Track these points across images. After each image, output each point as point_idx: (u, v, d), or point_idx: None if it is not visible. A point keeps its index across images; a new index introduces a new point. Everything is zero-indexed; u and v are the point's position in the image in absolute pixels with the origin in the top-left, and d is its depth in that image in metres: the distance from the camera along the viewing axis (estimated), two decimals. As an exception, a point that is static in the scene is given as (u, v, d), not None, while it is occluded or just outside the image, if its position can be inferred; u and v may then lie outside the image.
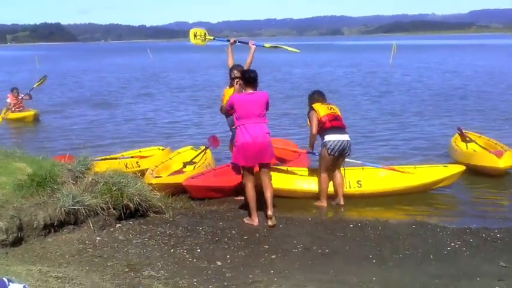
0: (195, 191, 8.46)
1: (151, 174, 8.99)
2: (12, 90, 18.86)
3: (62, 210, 5.94)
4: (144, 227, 6.62)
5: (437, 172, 8.84)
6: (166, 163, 10.08)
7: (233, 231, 6.65)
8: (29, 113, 18.25)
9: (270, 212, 6.99)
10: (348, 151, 8.20)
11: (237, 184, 8.28)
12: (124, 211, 6.65)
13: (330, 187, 8.35)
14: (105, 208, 6.40)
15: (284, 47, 9.21)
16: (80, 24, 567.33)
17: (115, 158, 10.38)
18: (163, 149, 11.09)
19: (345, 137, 8.10)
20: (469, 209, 8.25)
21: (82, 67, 54.77)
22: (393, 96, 23.35)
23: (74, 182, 6.66)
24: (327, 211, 8.07)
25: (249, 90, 7.16)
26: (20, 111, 18.49)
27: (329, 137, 8.03)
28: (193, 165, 10.05)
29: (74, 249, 5.62)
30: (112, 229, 6.43)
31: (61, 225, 6.01)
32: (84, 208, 6.15)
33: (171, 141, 13.61)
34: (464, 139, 11.27)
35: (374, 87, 26.87)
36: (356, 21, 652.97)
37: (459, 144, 11.10)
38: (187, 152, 10.77)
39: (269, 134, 7.18)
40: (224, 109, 7.66)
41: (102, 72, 45.72)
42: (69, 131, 16.21)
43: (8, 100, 18.54)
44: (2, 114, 17.81)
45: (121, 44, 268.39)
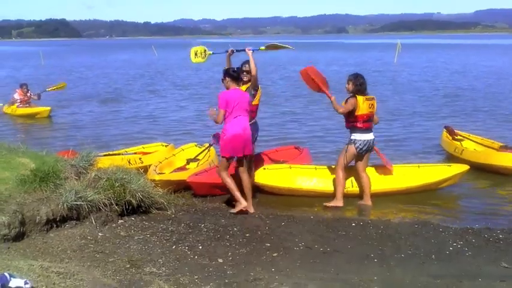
0: (199, 188, 8.47)
1: (154, 170, 9.00)
2: (21, 86, 18.72)
3: (65, 205, 5.95)
4: (146, 223, 6.62)
5: (441, 171, 8.82)
6: (169, 159, 10.09)
7: (235, 228, 6.65)
8: (44, 109, 18.04)
9: (250, 202, 7.62)
10: (372, 148, 8.24)
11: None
12: (126, 207, 6.65)
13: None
14: (107, 204, 6.39)
15: (278, 46, 9.03)
16: (85, 20, 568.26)
17: (118, 154, 10.39)
18: (166, 146, 11.09)
19: (372, 136, 8.12)
20: (472, 209, 8.24)
21: (87, 63, 54.88)
22: (399, 95, 23.29)
23: (77, 178, 6.66)
24: (328, 210, 8.05)
25: (234, 86, 7.70)
26: (27, 107, 18.39)
27: (358, 136, 8.01)
28: (196, 162, 10.05)
29: (76, 244, 5.63)
30: (114, 225, 6.44)
31: (63, 220, 6.01)
32: (86, 204, 6.15)
33: (175, 138, 13.63)
34: (454, 138, 11.41)
35: (380, 86, 26.79)
36: (361, 19, 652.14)
37: (464, 144, 11.12)
38: (191, 149, 10.78)
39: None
40: (221, 118, 7.60)
41: (106, 68, 45.79)
42: (73, 127, 16.26)
43: (16, 96, 18.38)
44: (5, 108, 18.00)
45: (126, 41, 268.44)
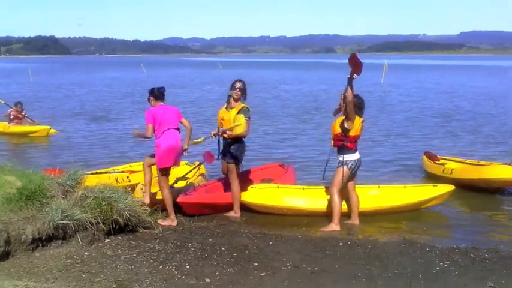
0: (189, 208, 8.45)
1: (141, 189, 8.96)
2: (16, 104, 18.42)
3: (51, 224, 5.90)
4: (133, 243, 6.58)
5: (426, 191, 8.89)
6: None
7: (223, 247, 6.62)
8: (44, 127, 17.59)
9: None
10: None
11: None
12: (113, 226, 6.61)
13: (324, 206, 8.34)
14: (94, 223, 6.36)
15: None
16: (74, 37, 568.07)
17: (105, 173, 10.34)
18: (154, 164, 11.03)
19: (359, 155, 8.12)
20: (458, 229, 8.29)
21: (76, 80, 54.77)
22: (387, 115, 23.45)
23: (64, 196, 6.62)
24: (316, 229, 8.05)
25: (159, 103, 8.28)
26: (20, 125, 18.07)
27: (349, 157, 7.97)
28: (185, 180, 10.02)
29: (62, 264, 5.57)
30: (101, 244, 6.39)
31: (49, 239, 5.96)
32: (73, 223, 6.11)
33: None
34: (435, 162, 11.51)
35: (369, 106, 26.97)
36: (349, 40, 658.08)
37: (450, 165, 11.17)
38: (181, 167, 10.74)
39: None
40: (150, 131, 8.10)
41: (95, 86, 45.71)
42: (60, 145, 16.16)
43: (10, 111, 18.12)
44: (5, 124, 17.74)
45: (115, 58, 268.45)
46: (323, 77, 59.83)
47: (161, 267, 5.82)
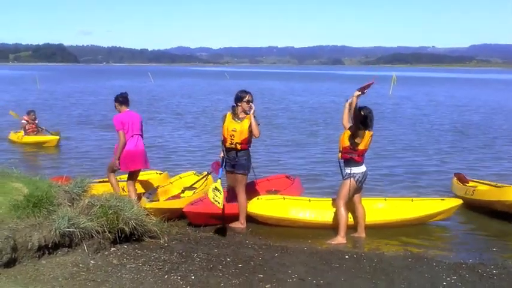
0: (195, 218, 8.44)
1: (147, 198, 8.97)
2: (28, 113, 18.18)
3: (57, 232, 5.91)
4: (139, 252, 6.58)
5: (434, 205, 8.84)
6: (165, 187, 10.06)
7: (228, 258, 6.60)
8: (53, 138, 17.39)
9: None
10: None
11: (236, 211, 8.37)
12: (119, 235, 6.61)
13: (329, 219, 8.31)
14: (100, 231, 6.36)
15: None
16: (82, 45, 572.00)
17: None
18: (160, 174, 11.06)
19: (365, 168, 8.10)
20: (466, 244, 8.24)
21: (83, 88, 55.03)
22: (398, 129, 23.42)
23: (70, 204, 6.63)
24: (322, 241, 8.02)
25: (125, 108, 8.92)
26: (35, 134, 17.84)
27: (357, 170, 7.94)
28: (193, 190, 10.02)
29: (68, 272, 5.58)
30: (106, 253, 6.39)
31: (55, 247, 5.96)
32: (79, 231, 6.12)
33: (171, 166, 13.64)
34: (464, 184, 10.73)
35: (380, 118, 26.99)
36: (357, 51, 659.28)
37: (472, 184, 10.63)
38: (189, 177, 10.75)
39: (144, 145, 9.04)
40: (123, 138, 8.68)
41: (103, 94, 45.87)
42: (67, 153, 16.23)
43: (23, 122, 17.85)
44: (20, 135, 17.56)
45: (122, 67, 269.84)
46: (331, 89, 59.88)
47: (166, 277, 5.81)
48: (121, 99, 8.90)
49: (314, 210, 8.70)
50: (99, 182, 9.74)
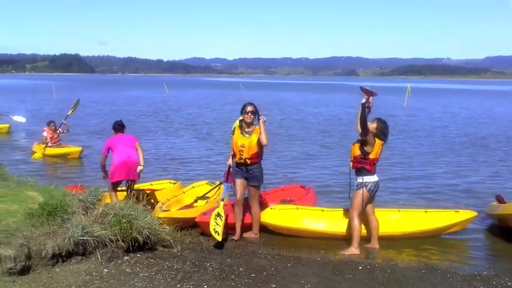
0: (207, 228, 8.43)
1: (160, 207, 9.00)
2: (48, 124, 17.69)
3: (71, 240, 5.96)
4: (152, 261, 6.61)
5: (448, 217, 8.76)
6: (178, 197, 10.08)
7: (241, 268, 6.61)
8: (75, 149, 17.15)
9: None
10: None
11: (249, 221, 8.34)
12: (132, 244, 6.65)
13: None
14: (113, 240, 6.41)
15: None
16: (98, 56, 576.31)
17: (126, 190, 10.40)
18: (174, 183, 11.09)
19: (377, 177, 8.08)
20: (480, 255, 8.15)
21: (100, 99, 55.44)
22: (415, 140, 23.29)
23: (84, 213, 6.69)
24: (336, 252, 7.98)
25: (119, 133, 9.79)
26: (58, 145, 17.48)
27: (369, 179, 7.93)
28: (205, 200, 10.03)
29: (81, 280, 5.62)
30: (120, 261, 6.42)
31: (69, 255, 6.01)
32: (93, 239, 6.17)
33: (184, 175, 13.67)
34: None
35: (392, 130, 26.87)
36: (372, 62, 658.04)
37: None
38: (201, 187, 10.78)
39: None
40: (102, 160, 9.86)
41: (119, 104, 46.18)
42: (82, 162, 16.33)
43: (44, 134, 17.46)
44: (41, 150, 17.03)
45: (138, 77, 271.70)
46: (346, 100, 59.80)
47: (179, 286, 5.82)
48: (116, 126, 9.91)
49: (327, 220, 8.66)
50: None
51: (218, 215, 7.96)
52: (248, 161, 8.25)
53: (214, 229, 7.71)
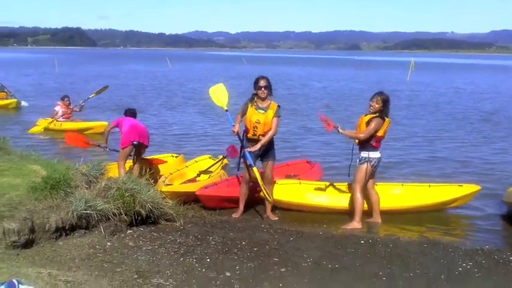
0: (208, 201, 8.46)
1: (163, 181, 9.02)
2: (63, 98, 17.34)
3: (74, 214, 5.97)
4: (155, 234, 6.63)
5: (451, 191, 8.77)
6: (181, 171, 10.10)
7: (243, 242, 6.62)
8: (100, 124, 16.44)
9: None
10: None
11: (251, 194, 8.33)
12: (135, 217, 6.66)
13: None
14: (116, 214, 6.41)
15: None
16: (100, 29, 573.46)
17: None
18: (176, 157, 11.10)
19: (380, 154, 8.07)
20: (482, 230, 8.18)
21: (101, 73, 55.21)
22: (413, 115, 23.22)
23: (87, 187, 6.68)
24: (338, 226, 8.01)
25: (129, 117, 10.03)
26: (71, 120, 17.10)
27: (374, 154, 7.92)
28: (208, 174, 10.05)
29: (84, 253, 5.64)
30: (123, 235, 6.44)
31: (72, 229, 6.03)
32: (96, 213, 6.17)
33: (187, 149, 13.67)
34: None
35: (399, 104, 26.84)
36: (375, 36, 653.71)
37: None
38: (204, 161, 10.79)
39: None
40: (107, 128, 10.51)
41: (121, 78, 45.97)
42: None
43: (56, 108, 17.06)
44: (46, 123, 16.66)
45: (140, 51, 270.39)
46: (349, 75, 59.50)
47: (182, 259, 5.85)
48: (129, 114, 10.12)
49: (330, 195, 8.69)
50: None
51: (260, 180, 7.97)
52: (261, 138, 7.96)
53: (265, 195, 7.89)
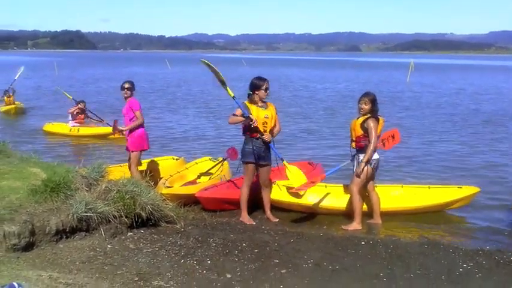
0: (208, 203, 8.46)
1: (163, 184, 9.01)
2: (78, 103, 17.21)
3: (75, 216, 5.97)
4: (155, 237, 6.63)
5: (451, 193, 8.75)
6: (181, 173, 10.09)
7: (244, 243, 6.63)
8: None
9: None
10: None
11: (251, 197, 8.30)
12: (136, 220, 6.66)
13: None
14: (117, 216, 6.42)
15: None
16: (100, 32, 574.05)
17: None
18: (177, 159, 11.09)
19: (378, 155, 8.02)
20: (483, 231, 8.17)
21: (101, 75, 55.23)
22: (412, 116, 23.24)
23: (88, 189, 6.69)
24: (338, 227, 8.01)
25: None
26: (86, 126, 16.98)
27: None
28: (208, 176, 10.04)
29: (85, 256, 5.64)
30: (123, 237, 6.44)
31: (73, 231, 6.03)
32: (96, 215, 6.18)
33: (187, 152, 13.66)
34: None
35: (400, 106, 26.88)
36: (374, 38, 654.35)
37: None
38: (204, 163, 10.78)
39: None
40: (141, 117, 9.64)
41: (120, 81, 45.83)
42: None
43: (71, 109, 17.13)
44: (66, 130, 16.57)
45: (140, 54, 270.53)
46: (350, 76, 59.53)
47: (183, 261, 5.85)
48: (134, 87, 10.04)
49: (330, 196, 8.67)
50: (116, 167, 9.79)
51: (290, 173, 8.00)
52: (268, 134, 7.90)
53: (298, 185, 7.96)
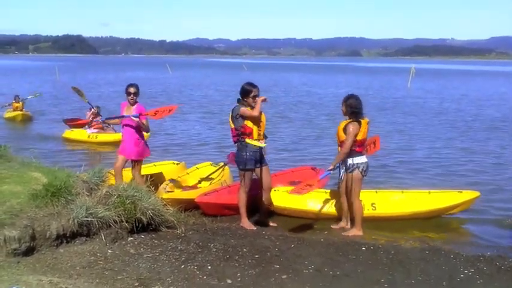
0: (208, 208, 8.45)
1: (164, 188, 9.01)
2: (91, 108, 16.99)
3: (75, 221, 5.96)
4: (156, 242, 6.62)
5: (451, 197, 8.75)
6: (182, 178, 10.09)
7: (244, 249, 6.62)
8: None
9: None
10: None
11: (251, 202, 8.28)
12: (136, 225, 6.65)
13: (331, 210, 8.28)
14: (117, 221, 6.40)
15: None
16: (101, 37, 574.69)
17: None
18: (178, 164, 11.09)
19: (366, 158, 7.94)
20: (484, 236, 8.16)
21: (103, 80, 55.31)
22: (413, 121, 23.24)
23: (88, 194, 6.68)
24: (339, 233, 8.00)
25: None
26: (104, 131, 16.86)
27: (359, 160, 7.76)
28: (209, 181, 10.03)
29: (85, 261, 5.63)
30: (124, 242, 6.43)
31: (73, 236, 6.02)
32: (97, 220, 6.17)
33: (187, 156, 13.67)
34: None
35: (401, 111, 26.87)
36: (375, 43, 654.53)
37: None
38: (205, 168, 10.76)
39: None
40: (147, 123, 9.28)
41: (123, 85, 45.95)
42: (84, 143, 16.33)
43: (89, 115, 16.95)
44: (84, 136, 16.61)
45: (141, 58, 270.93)
46: (351, 81, 59.58)
47: (183, 266, 5.84)
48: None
49: (330, 201, 8.66)
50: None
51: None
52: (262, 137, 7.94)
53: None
